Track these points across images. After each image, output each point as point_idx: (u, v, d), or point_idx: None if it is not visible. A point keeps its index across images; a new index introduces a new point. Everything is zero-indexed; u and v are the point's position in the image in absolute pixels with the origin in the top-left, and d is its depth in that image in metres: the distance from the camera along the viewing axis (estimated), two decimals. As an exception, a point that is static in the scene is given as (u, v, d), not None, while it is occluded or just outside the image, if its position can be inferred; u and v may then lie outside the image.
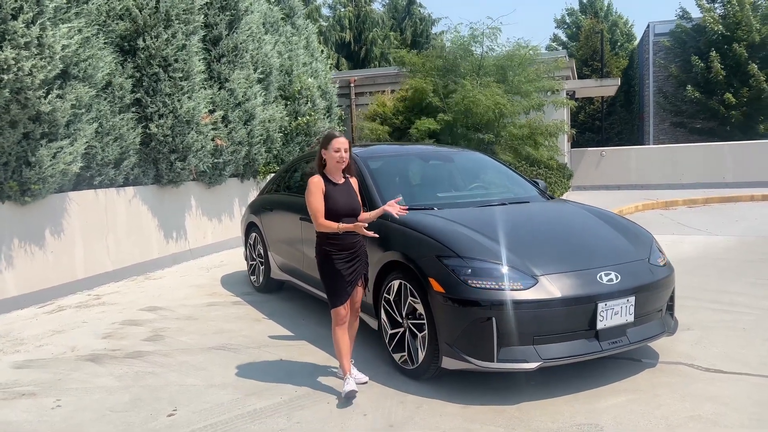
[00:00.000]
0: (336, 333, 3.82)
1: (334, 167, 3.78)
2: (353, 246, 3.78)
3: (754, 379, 3.84)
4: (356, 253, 3.79)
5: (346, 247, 3.75)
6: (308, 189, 3.73)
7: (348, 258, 3.75)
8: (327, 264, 3.77)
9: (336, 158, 3.74)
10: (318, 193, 3.71)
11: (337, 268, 3.73)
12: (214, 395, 3.89)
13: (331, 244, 3.75)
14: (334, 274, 3.75)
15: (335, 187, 3.78)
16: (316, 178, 3.77)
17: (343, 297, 3.78)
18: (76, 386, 4.14)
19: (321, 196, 3.71)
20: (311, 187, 3.73)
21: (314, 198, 3.71)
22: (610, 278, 3.73)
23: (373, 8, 27.64)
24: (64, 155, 6.24)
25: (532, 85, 12.56)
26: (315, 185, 3.73)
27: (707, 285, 6.27)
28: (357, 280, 3.83)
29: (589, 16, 30.82)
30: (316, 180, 3.76)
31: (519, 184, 5.48)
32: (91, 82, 6.57)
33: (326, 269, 3.79)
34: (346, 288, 3.77)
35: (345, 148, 3.76)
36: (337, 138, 3.78)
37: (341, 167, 3.79)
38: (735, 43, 21.54)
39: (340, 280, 3.74)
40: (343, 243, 3.74)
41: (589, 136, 26.64)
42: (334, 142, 3.75)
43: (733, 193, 14.94)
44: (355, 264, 3.78)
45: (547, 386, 3.80)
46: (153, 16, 7.55)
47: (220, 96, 8.95)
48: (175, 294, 6.76)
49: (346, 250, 3.75)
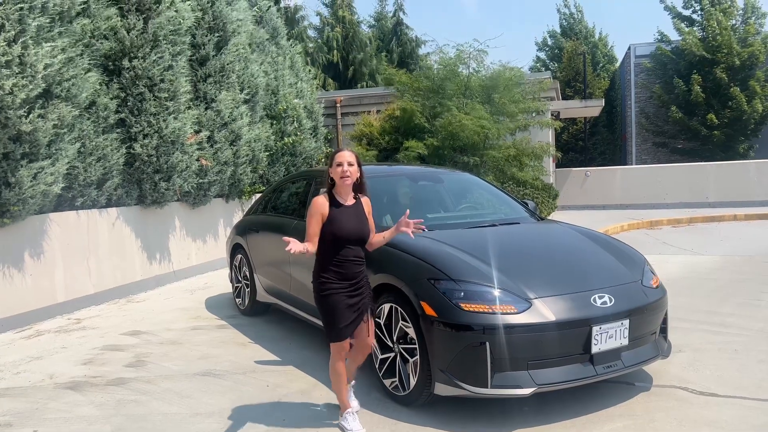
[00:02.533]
0: (335, 368, 3.49)
1: (341, 186, 3.42)
2: (355, 276, 3.41)
3: (750, 403, 3.79)
4: (358, 284, 3.43)
5: (347, 278, 3.39)
6: (308, 209, 3.42)
7: (349, 289, 3.39)
8: (324, 295, 3.40)
9: (338, 173, 3.37)
10: (315, 215, 3.37)
11: (336, 301, 3.37)
12: (198, 425, 3.76)
13: (330, 272, 3.39)
14: (333, 308, 3.38)
15: (342, 209, 3.41)
16: (320, 198, 3.42)
17: (344, 332, 3.40)
18: (54, 416, 3.98)
19: (318, 220, 3.36)
20: (311, 208, 3.40)
21: (309, 220, 3.38)
22: (604, 301, 3.68)
23: (360, 29, 27.81)
24: (45, 176, 6.11)
25: (518, 106, 12.63)
26: (315, 207, 3.39)
27: (696, 306, 6.25)
28: (362, 315, 3.46)
29: (570, 38, 31.24)
30: (319, 201, 3.40)
31: (509, 204, 5.45)
32: (75, 101, 6.46)
33: (324, 301, 3.42)
34: (348, 323, 3.39)
35: (349, 161, 3.39)
36: (340, 152, 3.43)
37: (347, 184, 3.40)
38: (715, 66, 21.90)
39: (340, 314, 3.37)
40: (345, 272, 3.39)
41: (573, 156, 26.86)
42: (336, 156, 3.41)
43: (716, 213, 15.08)
44: (356, 296, 3.41)
45: (542, 412, 3.72)
46: (140, 37, 7.48)
47: (206, 116, 8.88)
48: (158, 317, 6.61)
49: (347, 281, 3.39)
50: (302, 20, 24.50)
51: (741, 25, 22.71)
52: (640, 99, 26.24)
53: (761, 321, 5.61)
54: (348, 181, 3.41)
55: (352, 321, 3.41)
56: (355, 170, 3.42)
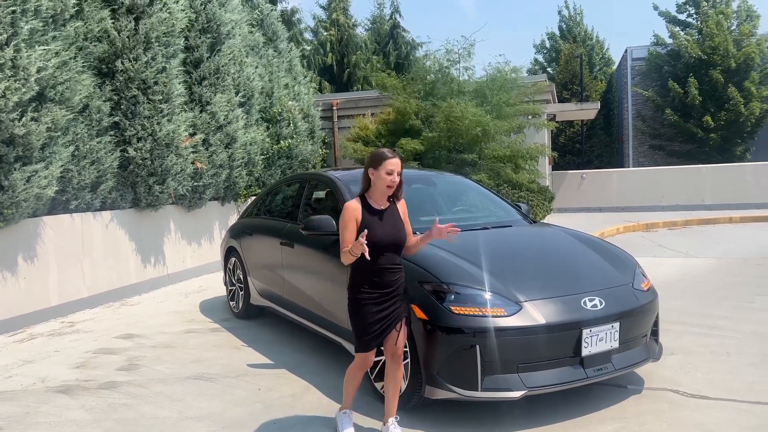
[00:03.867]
0: (353, 373, 3.41)
1: (381, 191, 3.26)
2: (391, 285, 3.24)
3: (741, 406, 3.79)
4: (393, 293, 3.26)
5: (382, 285, 3.22)
6: (341, 216, 3.24)
7: (381, 298, 3.22)
8: (356, 302, 3.26)
9: (387, 181, 3.22)
10: (351, 222, 3.19)
11: (367, 310, 3.21)
12: (188, 429, 3.75)
13: (365, 279, 3.22)
14: (363, 316, 3.23)
15: (375, 215, 3.25)
16: (352, 203, 3.25)
17: (370, 343, 3.27)
18: (45, 420, 3.97)
19: (353, 226, 3.19)
20: (344, 214, 3.22)
21: (344, 229, 3.20)
22: (594, 304, 3.68)
23: (356, 32, 27.84)
24: (39, 179, 6.10)
25: (513, 108, 12.65)
26: (348, 213, 3.21)
27: (690, 308, 6.26)
28: (393, 324, 3.27)
29: (568, 41, 31.31)
30: (351, 206, 3.23)
31: (501, 207, 5.45)
32: (68, 104, 6.45)
33: (354, 308, 3.27)
34: (376, 333, 3.24)
35: (398, 170, 3.25)
36: (391, 159, 3.22)
37: (390, 192, 3.28)
38: (711, 68, 21.97)
39: (369, 323, 3.22)
40: (380, 281, 3.21)
41: (570, 159, 26.92)
42: (387, 164, 3.21)
43: (711, 215, 15.12)
44: (390, 306, 3.24)
45: (533, 415, 3.72)
46: (132, 39, 7.48)
47: (201, 119, 8.88)
48: (152, 321, 6.59)
49: (380, 289, 3.22)
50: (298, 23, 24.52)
51: (736, 27, 22.79)
52: (636, 102, 26.33)
53: (754, 324, 5.62)
54: (392, 191, 3.28)
55: (381, 331, 3.26)
56: (400, 179, 3.29)
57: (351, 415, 3.59)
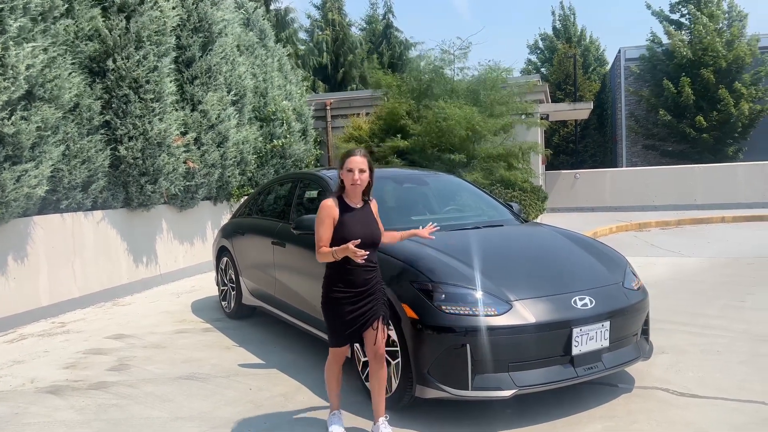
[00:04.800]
0: (330, 370, 3.47)
1: (350, 190, 3.33)
2: (365, 283, 3.28)
3: (730, 404, 3.81)
4: (368, 292, 3.29)
5: (356, 284, 3.26)
6: (318, 213, 3.30)
7: (355, 297, 3.26)
8: (329, 300, 3.31)
9: (350, 179, 3.28)
10: (326, 220, 3.25)
11: (340, 308, 3.27)
12: (179, 429, 3.73)
13: (342, 280, 3.26)
14: (336, 313, 3.29)
15: (351, 213, 3.31)
16: (329, 201, 3.31)
17: (342, 339, 3.33)
18: (34, 420, 3.94)
19: (329, 224, 3.25)
20: (320, 212, 3.28)
21: (319, 226, 3.26)
22: (584, 303, 3.68)
23: (350, 32, 27.81)
24: (29, 178, 6.06)
25: (505, 107, 12.64)
26: (325, 211, 3.27)
27: (681, 307, 6.28)
28: (369, 323, 3.30)
29: (561, 41, 31.37)
30: (328, 204, 3.29)
31: (493, 207, 5.45)
32: (58, 103, 6.42)
33: (327, 305, 3.34)
34: (348, 330, 3.29)
35: (360, 168, 3.28)
36: (353, 157, 3.30)
37: (357, 191, 3.34)
38: (703, 68, 22.08)
39: (340, 320, 3.28)
40: (355, 279, 3.25)
41: (564, 159, 26.97)
42: (348, 162, 3.29)
43: (704, 215, 15.17)
44: (365, 304, 3.28)
45: (524, 414, 3.72)
46: (123, 37, 7.44)
47: (192, 118, 8.84)
48: (143, 321, 6.56)
49: (354, 288, 3.26)
50: (292, 22, 24.46)
51: (727, 29, 22.89)
52: (630, 102, 26.40)
53: (744, 322, 5.64)
54: (358, 189, 3.33)
55: (354, 329, 3.30)
56: (366, 177, 3.33)
57: (340, 415, 3.59)
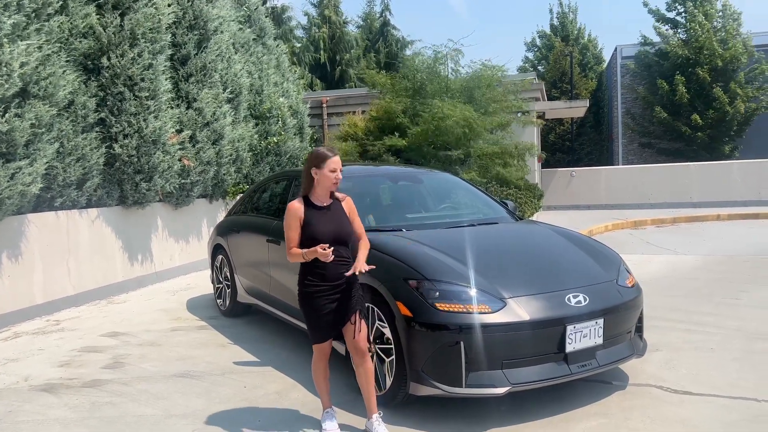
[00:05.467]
0: (316, 368, 3.51)
1: (325, 188, 3.37)
2: (340, 277, 3.32)
3: (723, 401, 3.82)
4: (342, 286, 3.34)
5: (330, 279, 3.32)
6: (285, 216, 3.36)
7: (329, 291, 3.32)
8: (305, 296, 3.37)
9: (332, 179, 3.33)
10: (293, 222, 3.31)
11: (316, 302, 3.32)
12: (172, 426, 3.73)
13: (313, 273, 3.32)
14: (313, 308, 3.35)
15: (318, 212, 3.35)
16: (294, 203, 3.35)
17: (323, 334, 3.39)
18: (28, 418, 3.93)
19: (296, 226, 3.31)
20: (287, 215, 3.34)
21: (288, 230, 3.33)
22: (578, 300, 3.69)
23: (347, 30, 27.79)
24: (23, 176, 6.03)
25: (500, 105, 12.66)
26: (291, 214, 3.33)
27: (676, 305, 6.30)
28: (346, 317, 3.36)
29: (559, 38, 31.34)
30: (294, 206, 3.33)
31: (488, 204, 5.45)
32: (52, 100, 6.39)
33: (305, 303, 3.39)
34: (328, 325, 3.36)
35: (341, 167, 3.38)
36: (333, 157, 3.33)
37: (334, 189, 3.40)
38: (698, 67, 22.12)
39: (319, 315, 3.34)
40: (328, 274, 3.31)
41: (560, 157, 26.99)
42: (330, 162, 3.31)
43: (699, 213, 15.22)
44: (340, 298, 3.33)
45: (518, 411, 3.73)
46: (118, 35, 7.41)
47: (187, 115, 8.82)
48: (138, 319, 6.55)
49: (329, 282, 3.32)
50: (289, 20, 24.44)
51: (722, 28, 22.93)
52: (626, 100, 26.45)
53: (738, 320, 5.66)
54: (336, 188, 3.40)
55: (334, 323, 3.36)
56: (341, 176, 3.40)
57: (333, 412, 3.59)
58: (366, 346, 3.45)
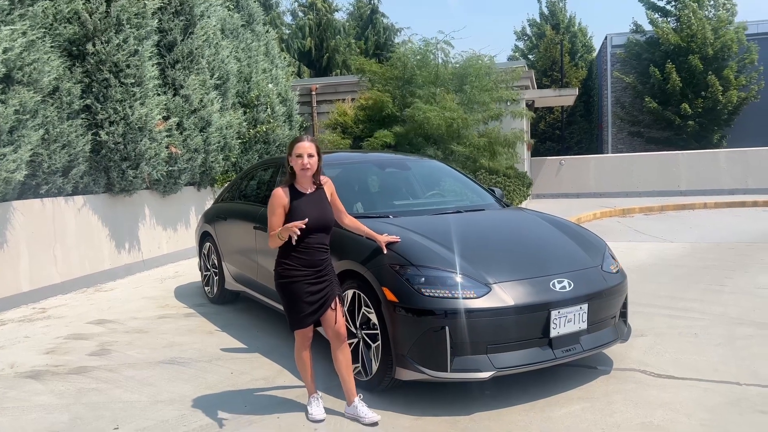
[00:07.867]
0: (300, 355, 3.52)
1: (300, 176, 3.38)
2: (321, 264, 3.36)
3: (705, 385, 3.87)
4: (323, 272, 3.38)
5: (310, 264, 3.34)
6: (269, 202, 3.36)
7: (311, 277, 3.34)
8: (286, 282, 3.36)
9: (299, 165, 3.32)
10: (277, 209, 3.32)
11: (298, 288, 3.33)
12: (159, 412, 3.73)
13: (292, 258, 3.33)
14: (292, 293, 3.35)
15: (303, 199, 3.36)
16: (279, 190, 3.36)
17: (305, 321, 3.38)
18: (12, 405, 3.92)
19: (280, 213, 3.31)
20: (271, 201, 3.35)
21: (271, 216, 3.33)
22: (563, 285, 3.72)
23: (335, 17, 27.61)
24: (7, 163, 5.98)
25: (490, 95, 12.64)
26: (275, 200, 3.33)
27: (662, 291, 6.36)
28: (327, 303, 3.38)
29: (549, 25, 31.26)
30: (278, 194, 3.34)
31: (475, 191, 5.46)
32: (37, 86, 6.33)
33: (285, 288, 3.38)
34: (310, 311, 3.35)
35: (309, 152, 3.32)
36: (300, 142, 3.35)
37: (307, 175, 3.37)
38: (690, 55, 22.17)
39: (302, 302, 3.33)
40: (310, 259, 3.33)
41: (550, 146, 27.04)
42: (296, 147, 3.34)
43: (687, 201, 15.34)
44: (320, 284, 3.36)
45: (502, 395, 3.76)
46: (103, 21, 7.33)
47: (174, 102, 8.75)
48: (126, 306, 6.53)
49: (310, 267, 3.34)
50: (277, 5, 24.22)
51: (713, 15, 22.99)
52: (616, 89, 26.50)
53: (722, 306, 5.72)
54: (308, 173, 3.37)
55: (315, 309, 3.37)
56: (315, 161, 3.36)
57: (319, 397, 3.61)
58: (345, 330, 3.50)
